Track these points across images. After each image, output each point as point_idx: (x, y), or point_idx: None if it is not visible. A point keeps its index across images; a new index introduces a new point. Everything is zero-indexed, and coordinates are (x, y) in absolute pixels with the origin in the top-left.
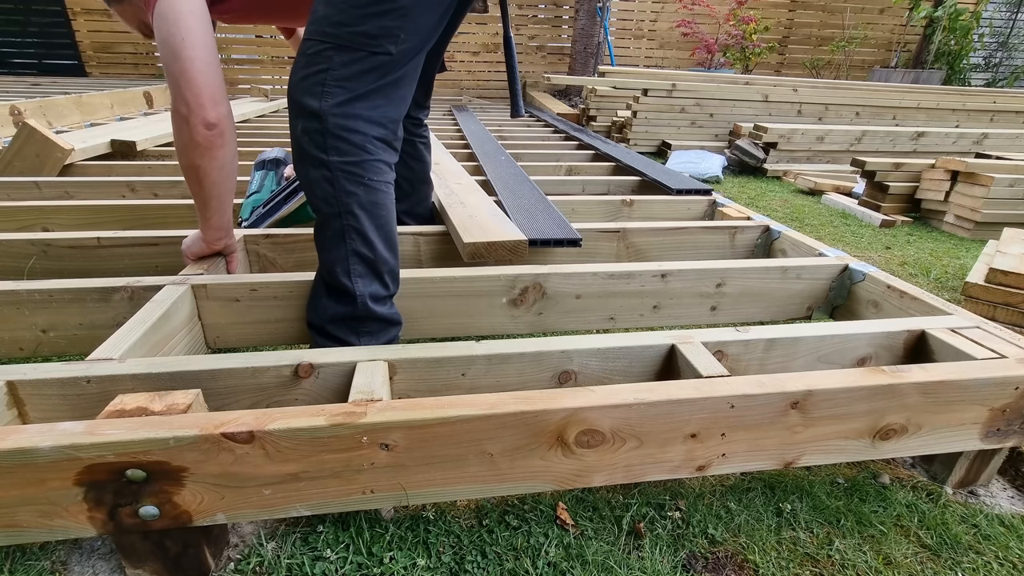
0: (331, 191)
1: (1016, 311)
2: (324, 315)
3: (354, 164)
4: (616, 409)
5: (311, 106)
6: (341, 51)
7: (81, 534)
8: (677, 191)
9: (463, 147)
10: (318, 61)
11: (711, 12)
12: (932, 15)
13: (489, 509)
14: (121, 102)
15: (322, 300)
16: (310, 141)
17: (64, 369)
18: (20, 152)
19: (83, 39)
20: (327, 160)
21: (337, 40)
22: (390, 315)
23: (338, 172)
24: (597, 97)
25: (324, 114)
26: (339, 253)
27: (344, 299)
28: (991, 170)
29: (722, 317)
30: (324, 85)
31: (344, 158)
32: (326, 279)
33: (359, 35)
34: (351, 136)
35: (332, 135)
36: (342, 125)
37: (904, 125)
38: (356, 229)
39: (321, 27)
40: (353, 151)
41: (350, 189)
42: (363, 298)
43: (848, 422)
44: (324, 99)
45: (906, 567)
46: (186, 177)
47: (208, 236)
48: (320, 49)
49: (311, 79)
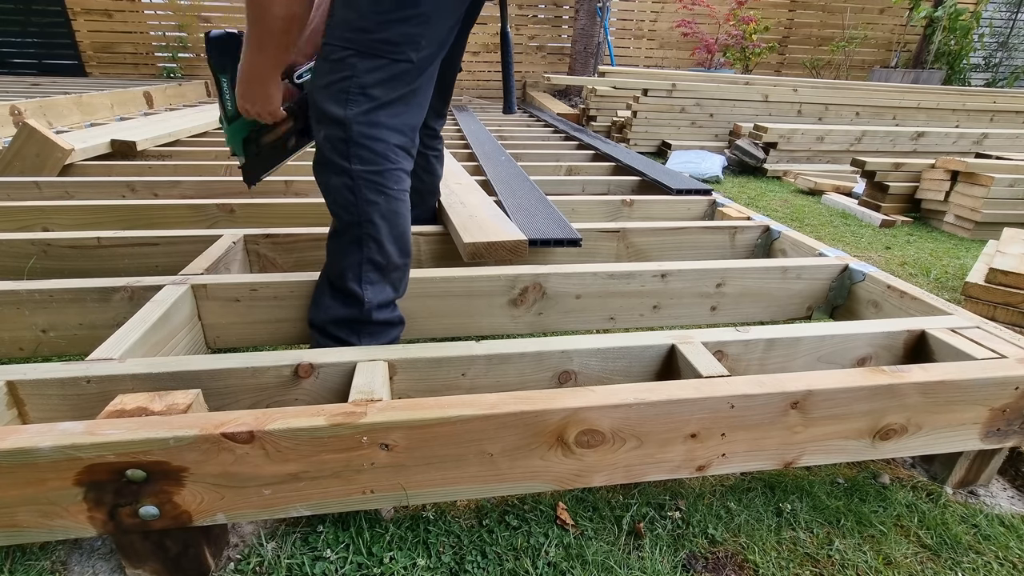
0: (352, 199)
1: (1016, 311)
2: (327, 315)
3: (376, 173)
4: (616, 409)
5: (335, 114)
6: (364, 58)
7: (81, 534)
8: (677, 191)
9: (463, 147)
10: (341, 68)
11: (711, 12)
12: (932, 15)
13: (489, 509)
14: (121, 102)
15: (326, 300)
16: (332, 149)
17: (64, 369)
18: (20, 152)
19: (83, 39)
20: (350, 168)
21: (359, 46)
22: (393, 318)
23: (360, 181)
24: (597, 97)
25: (348, 122)
26: (354, 259)
27: (350, 302)
28: (991, 170)
29: (722, 317)
30: (348, 93)
31: (367, 167)
32: (333, 281)
33: (382, 42)
34: (374, 145)
35: (356, 143)
36: (366, 134)
37: (904, 125)
38: (374, 238)
39: (342, 32)
40: (376, 160)
41: (371, 198)
42: (370, 304)
43: (848, 422)
44: (349, 107)
45: (906, 567)
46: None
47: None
48: (343, 56)
49: (335, 86)
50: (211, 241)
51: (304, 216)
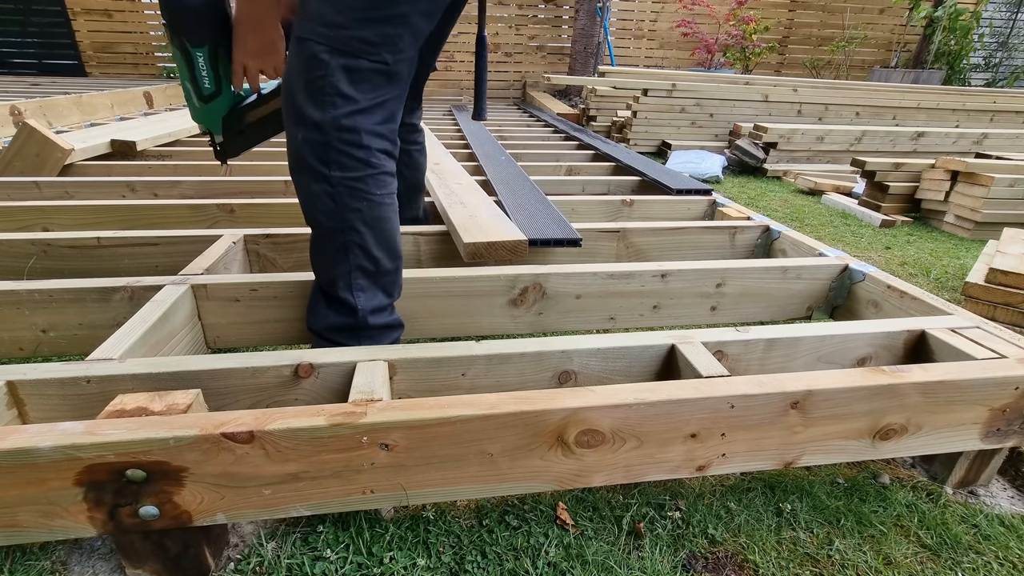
0: (333, 206)
1: (1016, 311)
2: (324, 323)
3: (357, 179)
4: (616, 409)
5: (312, 116)
6: (338, 55)
7: (81, 534)
8: (677, 191)
9: (463, 147)
10: (315, 65)
11: (711, 12)
12: (932, 15)
13: (489, 509)
14: (121, 102)
15: (321, 308)
16: (311, 152)
17: (64, 369)
18: (20, 152)
19: (83, 39)
20: (329, 175)
21: (334, 43)
22: (391, 321)
23: (340, 187)
24: (597, 97)
25: (326, 126)
26: (342, 268)
27: (344, 311)
28: (991, 170)
29: (722, 317)
30: (324, 93)
31: (347, 173)
32: (325, 290)
33: (358, 40)
34: (354, 151)
35: (335, 149)
36: (346, 139)
37: (904, 125)
38: (359, 245)
39: (315, 27)
40: (356, 166)
41: (353, 205)
42: (364, 312)
43: (848, 422)
44: (326, 109)
45: (906, 567)
46: None
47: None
48: (316, 51)
49: (311, 85)
50: (211, 241)
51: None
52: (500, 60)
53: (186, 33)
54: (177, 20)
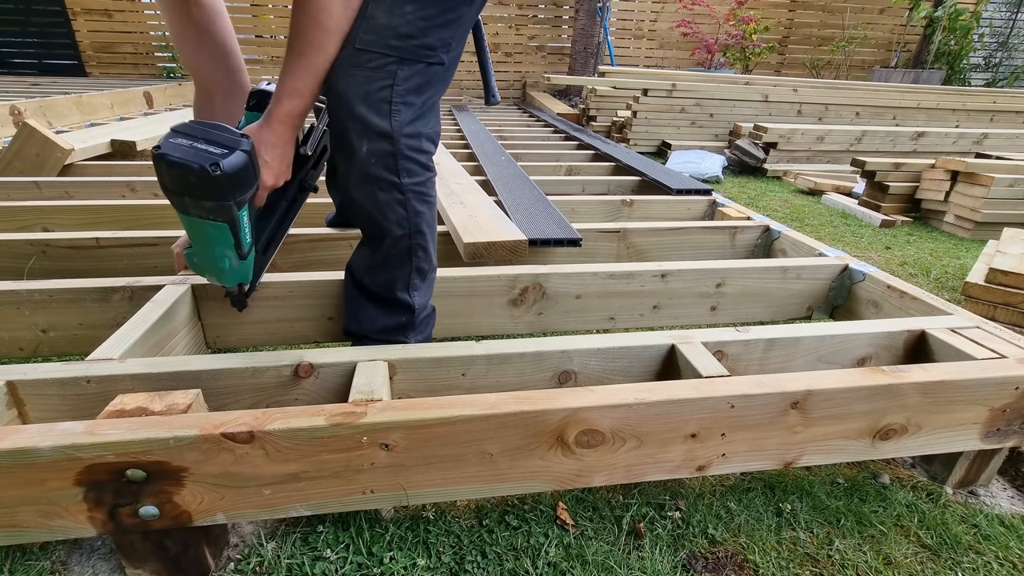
0: (404, 213)
1: (1016, 311)
2: (372, 326)
3: (422, 184)
4: (616, 409)
5: (380, 127)
6: (404, 64)
7: (81, 534)
8: (677, 191)
9: (463, 147)
10: (382, 76)
11: (711, 12)
12: (932, 15)
13: (489, 509)
14: (121, 102)
15: (369, 311)
16: (380, 164)
17: (64, 369)
18: (20, 152)
19: (83, 39)
20: (400, 183)
21: (403, 53)
22: (431, 311)
23: (410, 194)
24: (597, 97)
25: (396, 135)
26: (403, 270)
27: (400, 311)
28: (991, 170)
29: (722, 317)
30: (391, 103)
31: (414, 179)
32: (379, 292)
33: (424, 48)
34: (420, 157)
35: (404, 157)
36: (413, 146)
37: (904, 125)
38: (422, 246)
39: (385, 39)
40: (421, 171)
41: (419, 209)
42: (420, 309)
43: (848, 422)
44: (393, 118)
45: (906, 567)
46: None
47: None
48: (384, 63)
49: (376, 95)
50: None
51: (304, 216)
52: (500, 60)
53: (236, 196)
54: (226, 190)
